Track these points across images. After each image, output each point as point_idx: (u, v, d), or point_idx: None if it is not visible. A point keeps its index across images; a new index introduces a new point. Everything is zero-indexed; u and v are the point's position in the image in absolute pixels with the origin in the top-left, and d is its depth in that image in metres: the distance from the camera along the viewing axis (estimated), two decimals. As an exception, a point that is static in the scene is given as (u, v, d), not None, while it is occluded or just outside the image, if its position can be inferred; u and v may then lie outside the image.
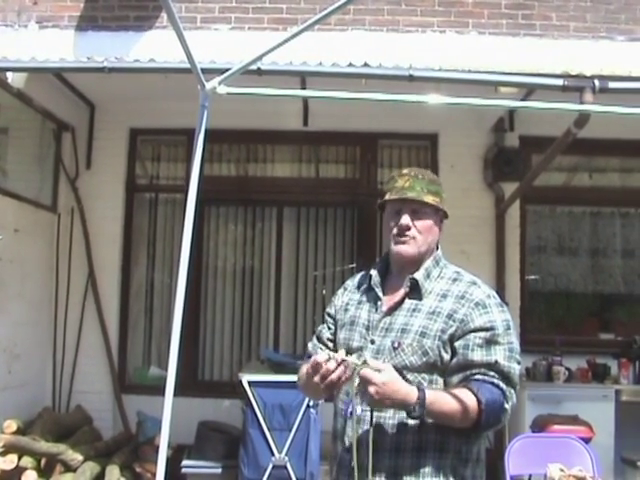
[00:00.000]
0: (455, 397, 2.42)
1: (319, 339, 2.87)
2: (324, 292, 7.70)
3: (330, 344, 2.80)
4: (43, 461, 5.86)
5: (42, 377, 7.16)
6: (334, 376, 2.38)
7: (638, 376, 6.69)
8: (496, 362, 2.49)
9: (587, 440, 5.16)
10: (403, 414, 2.43)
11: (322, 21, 2.78)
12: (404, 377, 2.45)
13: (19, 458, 5.70)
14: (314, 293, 7.75)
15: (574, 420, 5.79)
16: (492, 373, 2.48)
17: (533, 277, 7.67)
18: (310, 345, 2.90)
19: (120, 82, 6.15)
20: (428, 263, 2.73)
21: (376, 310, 2.67)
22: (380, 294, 2.70)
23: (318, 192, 7.66)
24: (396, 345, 2.55)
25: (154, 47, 6.12)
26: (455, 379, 2.51)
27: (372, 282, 2.74)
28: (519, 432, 5.92)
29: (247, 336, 7.66)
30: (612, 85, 5.15)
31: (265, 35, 6.27)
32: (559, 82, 5.22)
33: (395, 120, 7.01)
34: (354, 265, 7.57)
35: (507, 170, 7.19)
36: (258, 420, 5.82)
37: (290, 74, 5.66)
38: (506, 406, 2.48)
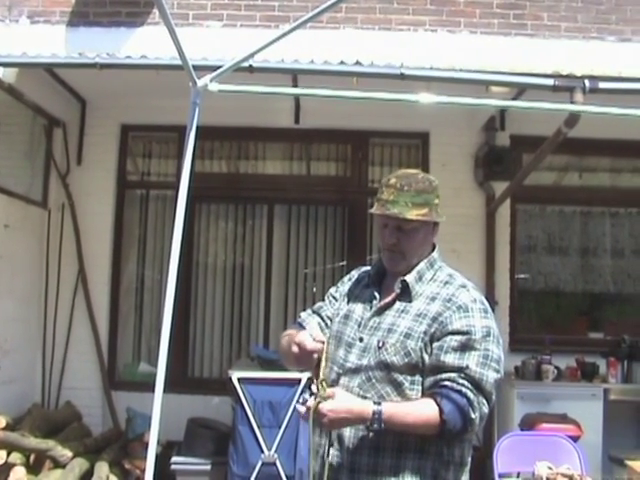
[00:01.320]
0: (417, 408, 2.44)
1: (315, 312, 2.89)
2: (314, 290, 7.70)
3: (327, 321, 2.84)
4: (32, 457, 5.85)
5: (31, 373, 7.15)
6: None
7: (626, 375, 6.71)
8: (467, 367, 2.46)
9: (575, 438, 5.18)
10: None
11: (314, 19, 2.79)
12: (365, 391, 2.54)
13: (8, 454, 5.68)
14: (304, 291, 7.75)
15: (563, 419, 5.81)
16: (461, 380, 2.45)
17: (523, 276, 7.69)
18: (304, 314, 2.91)
19: (111, 78, 6.13)
20: (421, 266, 2.72)
21: (370, 308, 2.69)
22: (376, 293, 2.72)
23: (309, 190, 7.66)
24: (381, 344, 2.56)
25: (146, 43, 6.11)
26: (427, 382, 2.51)
27: (370, 281, 2.77)
28: (508, 430, 5.94)
29: (237, 333, 7.66)
30: (602, 85, 5.17)
31: (257, 32, 6.27)
32: (550, 82, 5.24)
33: (386, 118, 7.02)
34: (344, 263, 7.58)
35: (498, 169, 7.21)
36: (248, 417, 5.82)
37: (282, 72, 5.66)
38: (472, 416, 2.44)
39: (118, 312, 7.56)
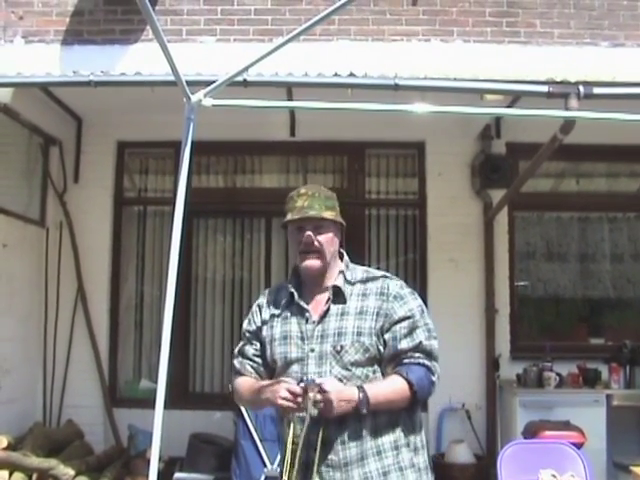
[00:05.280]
0: (391, 384, 2.76)
1: (244, 356, 3.03)
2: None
3: (257, 359, 3.00)
4: (34, 477, 5.82)
5: (32, 392, 7.13)
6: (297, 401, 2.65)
7: (629, 380, 6.69)
8: (420, 343, 2.82)
9: (579, 445, 5.16)
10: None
11: (307, 32, 2.79)
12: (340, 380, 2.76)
13: (10, 474, 5.66)
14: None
15: (566, 426, 5.79)
16: (417, 354, 2.81)
17: (522, 283, 7.69)
18: (237, 362, 3.04)
19: (107, 95, 6.14)
20: (342, 268, 2.98)
21: (306, 321, 2.87)
22: (306, 306, 2.90)
23: (306, 202, 7.64)
24: (339, 348, 2.79)
25: (140, 60, 6.12)
26: (389, 368, 2.83)
27: (295, 297, 2.92)
28: (511, 439, 5.93)
29: (237, 347, 7.64)
30: (597, 91, 5.18)
31: (251, 46, 6.28)
32: (544, 89, 5.25)
33: (382, 129, 7.03)
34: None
35: (494, 177, 7.21)
36: (250, 431, 5.81)
37: (276, 85, 5.67)
38: (433, 379, 2.83)
39: (118, 329, 7.55)
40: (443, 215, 7.25)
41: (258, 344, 2.98)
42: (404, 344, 2.81)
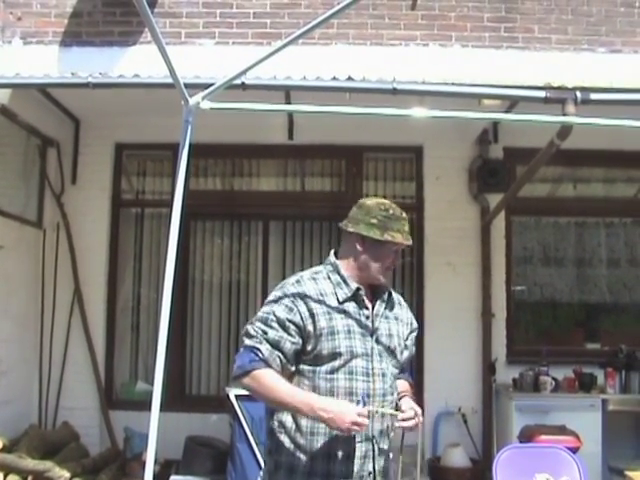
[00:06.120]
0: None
1: (276, 346, 2.80)
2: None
3: (290, 354, 2.82)
4: (30, 479, 5.82)
5: (28, 394, 7.12)
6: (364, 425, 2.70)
7: (624, 385, 6.70)
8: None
9: (574, 450, 5.16)
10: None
11: (306, 35, 2.80)
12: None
13: (5, 476, 5.66)
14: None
15: (561, 430, 5.79)
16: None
17: (519, 288, 7.70)
18: (266, 350, 2.78)
19: (105, 97, 6.15)
20: None
21: (367, 318, 2.92)
22: (369, 304, 2.96)
23: (304, 205, 7.66)
24: (393, 348, 2.96)
25: (139, 62, 6.12)
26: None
27: (359, 293, 2.93)
28: (507, 442, 5.93)
29: (234, 350, 7.62)
30: (594, 96, 5.19)
31: (249, 50, 6.29)
32: (541, 94, 5.26)
33: (380, 133, 7.04)
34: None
35: (492, 182, 7.22)
36: (246, 434, 5.81)
37: (274, 88, 5.67)
38: None
39: (115, 331, 7.54)
40: (440, 219, 7.26)
41: (299, 338, 2.82)
42: (413, 350, 3.19)
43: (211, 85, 3.06)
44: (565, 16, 6.53)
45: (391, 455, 2.98)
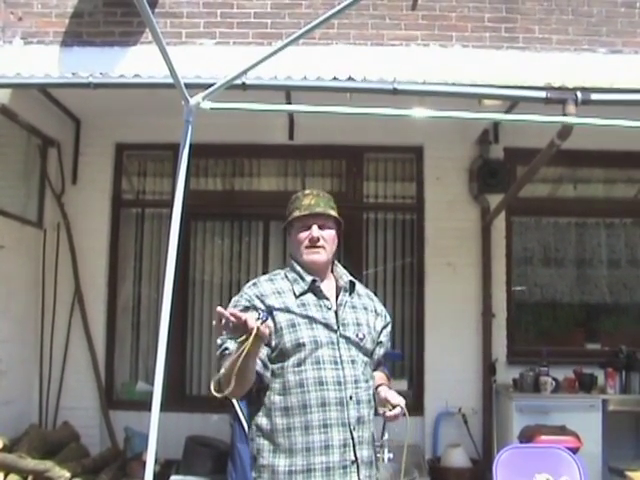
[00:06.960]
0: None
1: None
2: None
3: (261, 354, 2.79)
4: (30, 479, 5.82)
5: (28, 394, 7.12)
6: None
7: (624, 386, 6.70)
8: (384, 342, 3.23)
9: (575, 450, 5.16)
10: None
11: (306, 35, 2.80)
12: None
13: (5, 476, 5.66)
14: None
15: (561, 430, 5.79)
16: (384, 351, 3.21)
17: (519, 288, 7.69)
18: (231, 344, 2.79)
19: (105, 97, 6.14)
20: (341, 268, 3.15)
21: (327, 308, 2.97)
22: (327, 295, 3.00)
23: (304, 205, 7.64)
24: (361, 336, 2.97)
25: (140, 62, 6.12)
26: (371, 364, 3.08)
27: (315, 285, 2.99)
28: (507, 443, 5.94)
29: (234, 350, 7.62)
30: (594, 97, 5.19)
31: (250, 50, 6.29)
32: (542, 94, 5.26)
33: (380, 133, 7.05)
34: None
35: (492, 182, 7.22)
36: (246, 434, 5.79)
37: (275, 88, 5.67)
38: None
39: (115, 331, 7.54)
40: (441, 219, 7.26)
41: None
42: (388, 344, 3.21)
43: (212, 85, 3.07)
44: (566, 16, 6.54)
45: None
